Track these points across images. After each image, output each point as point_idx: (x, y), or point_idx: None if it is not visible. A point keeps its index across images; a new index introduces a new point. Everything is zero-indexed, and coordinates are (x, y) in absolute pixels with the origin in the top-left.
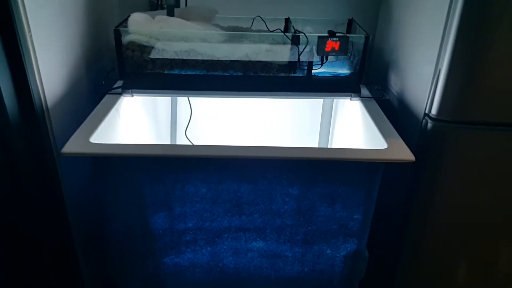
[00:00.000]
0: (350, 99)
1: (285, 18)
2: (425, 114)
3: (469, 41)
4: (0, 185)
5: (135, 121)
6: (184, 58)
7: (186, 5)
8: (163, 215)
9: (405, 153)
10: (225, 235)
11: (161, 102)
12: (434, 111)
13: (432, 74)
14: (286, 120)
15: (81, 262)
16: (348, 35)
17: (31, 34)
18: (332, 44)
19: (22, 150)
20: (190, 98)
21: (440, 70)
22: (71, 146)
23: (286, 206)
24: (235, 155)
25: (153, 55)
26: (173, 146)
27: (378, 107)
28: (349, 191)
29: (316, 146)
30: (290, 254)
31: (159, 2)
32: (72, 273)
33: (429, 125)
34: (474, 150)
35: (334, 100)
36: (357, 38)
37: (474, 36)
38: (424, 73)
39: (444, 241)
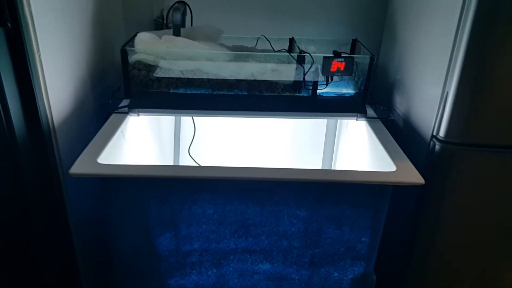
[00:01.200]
0: (356, 120)
1: (290, 38)
2: (433, 136)
3: (477, 64)
4: (7, 204)
5: (140, 140)
6: (190, 77)
7: (191, 24)
8: (169, 236)
9: (414, 176)
10: (231, 257)
11: (165, 120)
12: (442, 133)
13: (439, 96)
14: (290, 140)
15: (84, 283)
16: (353, 55)
17: (39, 53)
18: (337, 64)
19: (28, 169)
20: (194, 117)
21: (448, 92)
22: (79, 167)
23: (293, 228)
24: (242, 176)
25: (159, 74)
26: (179, 167)
27: (384, 128)
28: (357, 213)
29: (319, 166)
30: (296, 277)
31: (164, 21)
32: None
33: (437, 147)
34: (482, 172)
35: (338, 120)
36: (362, 58)
37: (482, 59)
38: (431, 94)
39: (451, 263)
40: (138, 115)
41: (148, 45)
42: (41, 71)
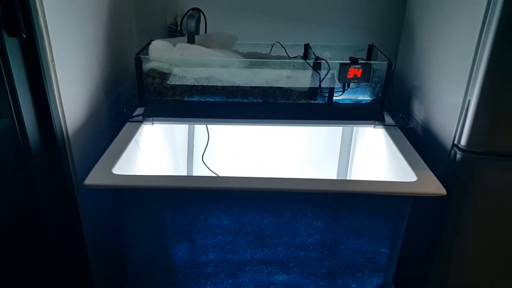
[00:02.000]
0: (374, 127)
1: (305, 44)
2: (454, 145)
3: (502, 71)
4: (21, 213)
5: (154, 149)
6: (204, 84)
7: (206, 31)
8: (184, 247)
9: (435, 186)
10: (247, 268)
11: (179, 128)
12: (463, 142)
13: (460, 104)
14: (305, 147)
15: None
16: (370, 62)
17: (54, 63)
18: (354, 71)
19: (42, 179)
20: (208, 125)
21: (469, 100)
22: (94, 178)
23: (310, 239)
24: (258, 187)
25: (173, 81)
26: (194, 178)
27: (403, 136)
28: (375, 224)
29: (335, 174)
30: None
31: (178, 28)
32: None
33: (458, 156)
34: (505, 182)
35: (354, 128)
36: (380, 65)
37: (507, 66)
38: (451, 102)
39: (471, 275)
40: (153, 123)
41: (162, 53)
42: (55, 80)
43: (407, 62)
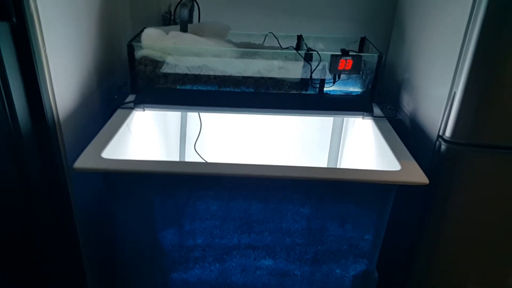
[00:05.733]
0: (363, 118)
1: (298, 35)
2: (439, 136)
3: (486, 64)
4: (12, 197)
5: (145, 135)
6: (197, 73)
7: (199, 21)
8: (172, 231)
9: (418, 176)
10: (234, 252)
11: (171, 116)
12: (448, 133)
13: (446, 96)
14: (296, 137)
15: (89, 277)
16: (361, 54)
17: (45, 48)
18: (345, 62)
19: (33, 164)
20: (200, 113)
21: (455, 92)
22: (83, 161)
23: (296, 225)
24: (246, 173)
25: (166, 70)
26: (184, 164)
27: (391, 127)
28: (360, 211)
29: (325, 163)
30: (299, 273)
31: (172, 17)
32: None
33: (443, 147)
34: (488, 173)
35: (345, 118)
36: (370, 57)
37: (491, 59)
38: (438, 94)
39: (454, 263)
40: (144, 110)
41: (155, 41)
42: (47, 66)
43: (398, 55)
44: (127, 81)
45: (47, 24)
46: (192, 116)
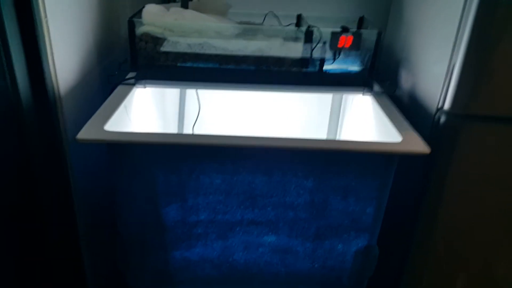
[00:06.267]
0: (363, 94)
1: (297, 15)
2: (438, 109)
3: (484, 36)
4: (11, 167)
5: (144, 114)
6: (198, 51)
7: None
8: (175, 207)
9: (420, 146)
10: (237, 229)
11: (170, 96)
12: (447, 105)
13: (445, 69)
14: (294, 116)
15: (84, 253)
16: (361, 30)
17: (47, 19)
18: (345, 39)
19: (33, 135)
20: (199, 93)
21: (454, 64)
22: (86, 133)
23: (300, 199)
24: (251, 144)
25: (167, 47)
26: (188, 135)
27: (391, 102)
28: (362, 184)
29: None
30: (301, 249)
31: None
32: (74, 262)
33: (442, 119)
34: (488, 143)
35: (344, 96)
36: (370, 33)
37: (489, 31)
38: (437, 68)
39: (455, 236)
40: (145, 87)
41: (155, 17)
42: (48, 37)
43: (396, 34)
44: (128, 58)
45: None
46: (191, 97)
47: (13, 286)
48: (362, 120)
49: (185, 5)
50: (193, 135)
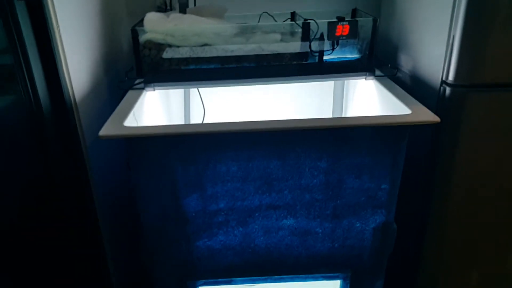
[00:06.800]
0: (365, 79)
1: (291, 12)
2: (442, 82)
3: (481, 3)
4: (33, 171)
5: (154, 118)
6: (199, 54)
7: (195, 5)
8: (195, 197)
9: (429, 116)
10: (256, 214)
11: (175, 98)
12: (451, 76)
13: (445, 42)
14: (298, 107)
15: (107, 248)
16: (356, 19)
17: (59, 29)
18: (342, 28)
19: (54, 140)
20: (205, 93)
21: (454, 36)
22: (107, 130)
23: (315, 180)
24: (265, 128)
25: (169, 53)
26: (204, 125)
27: (394, 83)
28: (375, 160)
29: None
30: (320, 230)
31: (168, 8)
32: (98, 258)
33: (447, 91)
34: (494, 111)
35: (346, 82)
36: (365, 21)
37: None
38: (437, 43)
39: (470, 207)
40: (154, 89)
41: (157, 24)
42: (61, 47)
43: (390, 23)
44: (133, 66)
45: (60, 5)
46: (196, 98)
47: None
48: (367, 104)
49: (183, 11)
50: (208, 124)
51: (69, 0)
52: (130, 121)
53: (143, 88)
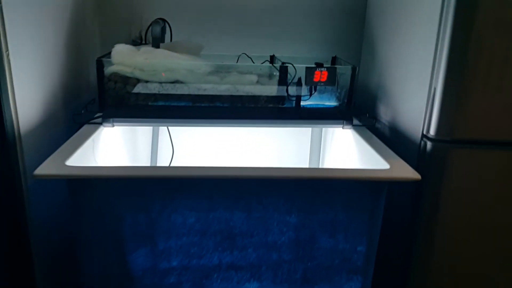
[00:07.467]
0: (342, 128)
1: (270, 56)
2: (423, 136)
3: (462, 58)
4: None
5: (113, 156)
6: (169, 90)
7: (171, 40)
8: (144, 252)
9: (409, 172)
10: (215, 275)
11: (142, 135)
12: (432, 131)
13: (426, 96)
14: (274, 152)
15: None
16: (335, 66)
17: (8, 53)
18: (320, 74)
19: None
20: (173, 131)
21: (435, 88)
22: (45, 169)
23: (283, 238)
24: (228, 175)
25: (137, 89)
26: (159, 168)
27: (372, 134)
28: (351, 217)
29: None
30: None
31: (143, 42)
32: None
33: (428, 146)
34: (475, 167)
35: (323, 130)
36: (344, 69)
37: (466, 53)
38: (417, 96)
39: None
40: (113, 125)
41: (125, 57)
42: (9, 72)
43: (370, 73)
44: (96, 98)
45: (12, 28)
46: (164, 136)
47: None
48: (345, 153)
49: (156, 46)
50: (163, 168)
51: (25, 25)
52: (79, 159)
53: (100, 123)
